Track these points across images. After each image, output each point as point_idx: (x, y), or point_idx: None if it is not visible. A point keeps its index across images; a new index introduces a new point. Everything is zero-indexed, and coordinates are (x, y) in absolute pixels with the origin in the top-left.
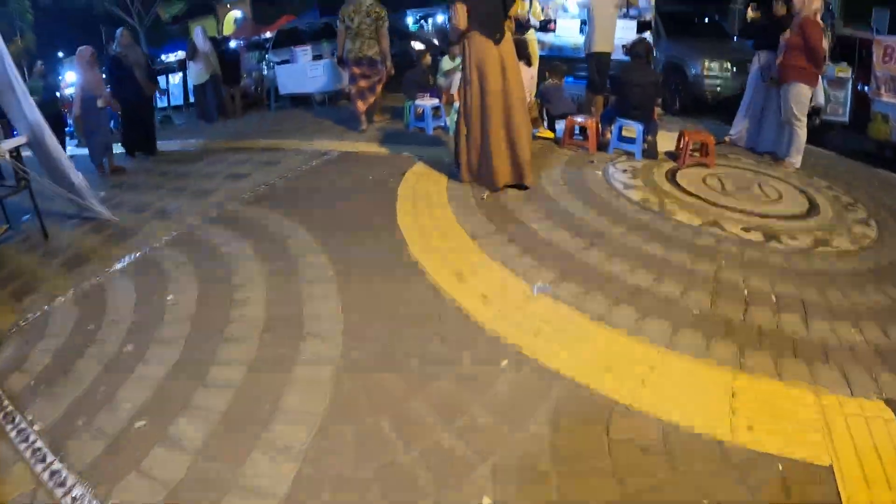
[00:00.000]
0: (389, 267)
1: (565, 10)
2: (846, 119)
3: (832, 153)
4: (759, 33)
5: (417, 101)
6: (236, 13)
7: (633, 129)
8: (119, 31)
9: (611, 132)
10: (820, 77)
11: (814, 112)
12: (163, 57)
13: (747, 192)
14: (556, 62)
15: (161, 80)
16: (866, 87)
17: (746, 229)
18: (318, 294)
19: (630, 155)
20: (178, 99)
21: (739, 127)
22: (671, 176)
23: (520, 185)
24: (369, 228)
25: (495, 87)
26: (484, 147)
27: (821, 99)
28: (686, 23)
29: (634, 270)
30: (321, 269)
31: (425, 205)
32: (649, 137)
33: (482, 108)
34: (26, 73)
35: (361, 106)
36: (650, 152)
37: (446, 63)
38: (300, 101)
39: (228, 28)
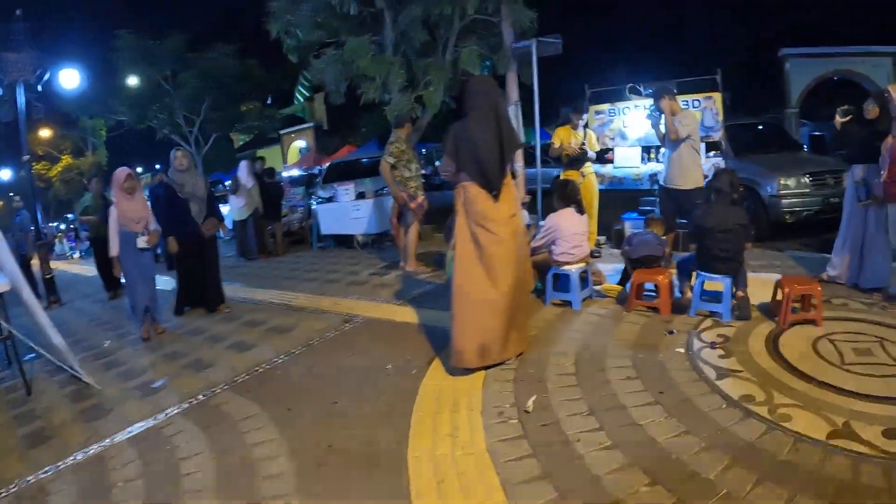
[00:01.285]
0: None
1: (624, 136)
2: None
3: None
4: (852, 143)
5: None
6: (300, 143)
7: (718, 283)
8: (173, 152)
9: (691, 289)
10: None
11: None
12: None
13: (872, 360)
14: (652, 215)
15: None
16: None
17: (891, 434)
18: None
19: (716, 316)
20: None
21: (839, 261)
22: (773, 344)
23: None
24: (368, 460)
25: (494, 244)
26: (492, 314)
27: None
28: (751, 136)
29: None
30: None
31: (450, 416)
32: (740, 292)
33: (485, 267)
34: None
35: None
36: (742, 310)
37: None
38: (343, 239)
39: (293, 157)
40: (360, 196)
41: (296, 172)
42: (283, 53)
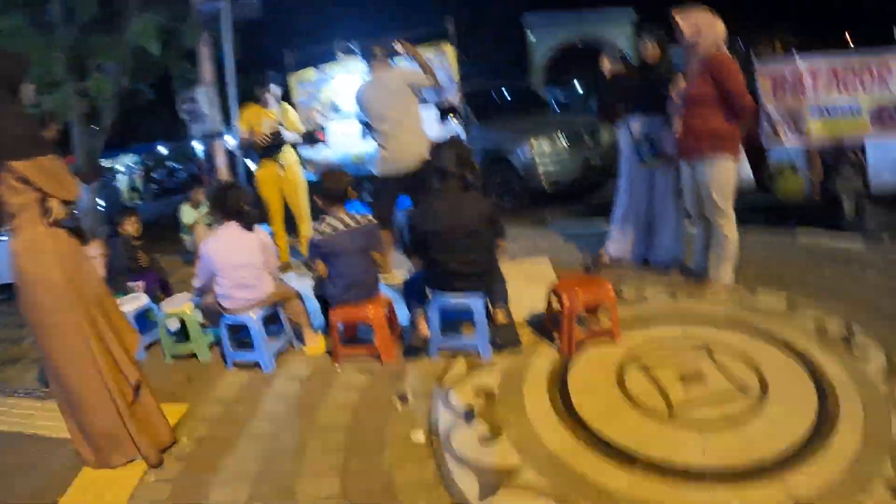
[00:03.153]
0: None
1: (337, 109)
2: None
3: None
4: (627, 93)
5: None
6: None
7: (467, 305)
8: None
9: (426, 320)
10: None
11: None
12: None
13: (708, 389)
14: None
15: None
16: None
17: None
18: None
19: (470, 355)
20: None
21: (620, 235)
22: (561, 394)
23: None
24: None
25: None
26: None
27: (749, 174)
28: (497, 99)
29: None
30: None
31: None
32: (499, 313)
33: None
34: None
35: None
36: (506, 338)
37: (187, 214)
38: None
39: None
40: None
41: None
42: None
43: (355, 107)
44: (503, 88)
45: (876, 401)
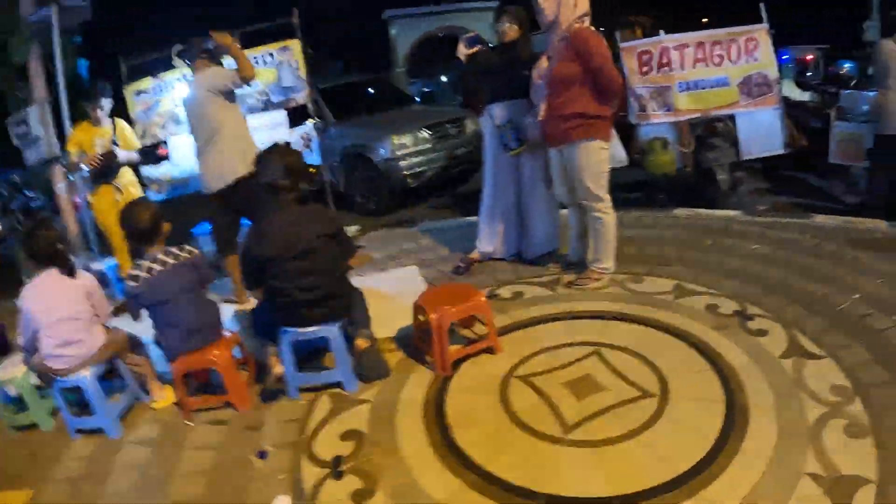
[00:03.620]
0: None
1: (178, 121)
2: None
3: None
4: (486, 77)
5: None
6: None
7: (321, 336)
8: None
9: (277, 358)
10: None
11: None
12: None
13: (605, 403)
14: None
15: None
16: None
17: None
18: None
19: (335, 391)
20: None
21: (490, 230)
22: (440, 426)
23: None
24: None
25: None
26: None
27: (622, 153)
28: (356, 96)
29: None
30: None
31: None
32: (359, 341)
33: None
34: None
35: None
36: (372, 368)
37: None
38: None
39: None
40: None
41: None
42: None
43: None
44: (363, 84)
45: (784, 385)
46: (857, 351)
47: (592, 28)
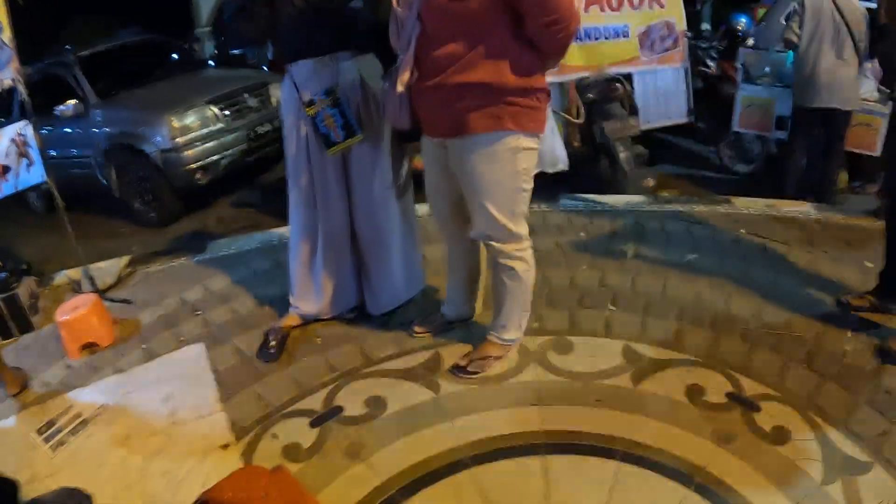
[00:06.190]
0: None
1: None
2: None
3: None
4: (295, 22)
5: None
6: None
7: None
8: None
9: None
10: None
11: None
12: None
13: None
14: None
15: None
16: None
17: None
18: None
19: None
20: None
21: (305, 279)
22: None
23: None
24: None
25: None
26: None
27: (561, 152)
28: (124, 66)
29: None
30: None
31: None
32: None
33: None
34: None
35: None
36: None
37: None
38: None
39: None
40: None
41: None
42: None
43: None
44: (136, 48)
45: None
46: None
47: None
